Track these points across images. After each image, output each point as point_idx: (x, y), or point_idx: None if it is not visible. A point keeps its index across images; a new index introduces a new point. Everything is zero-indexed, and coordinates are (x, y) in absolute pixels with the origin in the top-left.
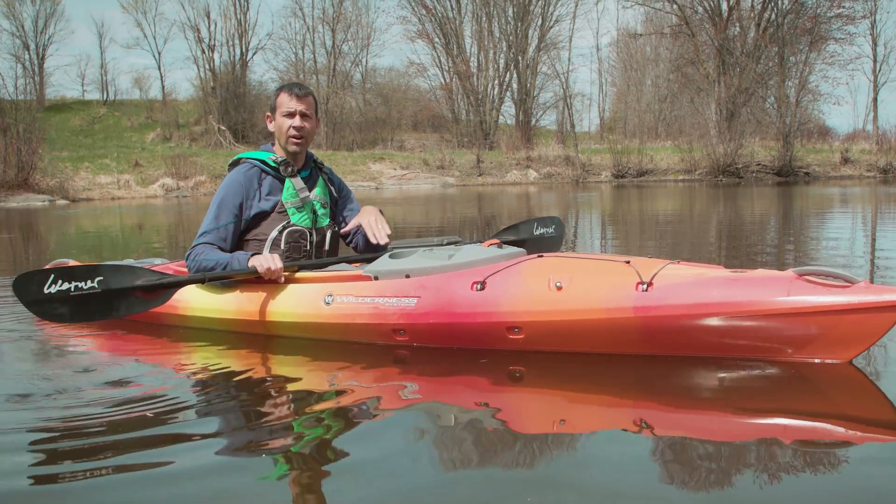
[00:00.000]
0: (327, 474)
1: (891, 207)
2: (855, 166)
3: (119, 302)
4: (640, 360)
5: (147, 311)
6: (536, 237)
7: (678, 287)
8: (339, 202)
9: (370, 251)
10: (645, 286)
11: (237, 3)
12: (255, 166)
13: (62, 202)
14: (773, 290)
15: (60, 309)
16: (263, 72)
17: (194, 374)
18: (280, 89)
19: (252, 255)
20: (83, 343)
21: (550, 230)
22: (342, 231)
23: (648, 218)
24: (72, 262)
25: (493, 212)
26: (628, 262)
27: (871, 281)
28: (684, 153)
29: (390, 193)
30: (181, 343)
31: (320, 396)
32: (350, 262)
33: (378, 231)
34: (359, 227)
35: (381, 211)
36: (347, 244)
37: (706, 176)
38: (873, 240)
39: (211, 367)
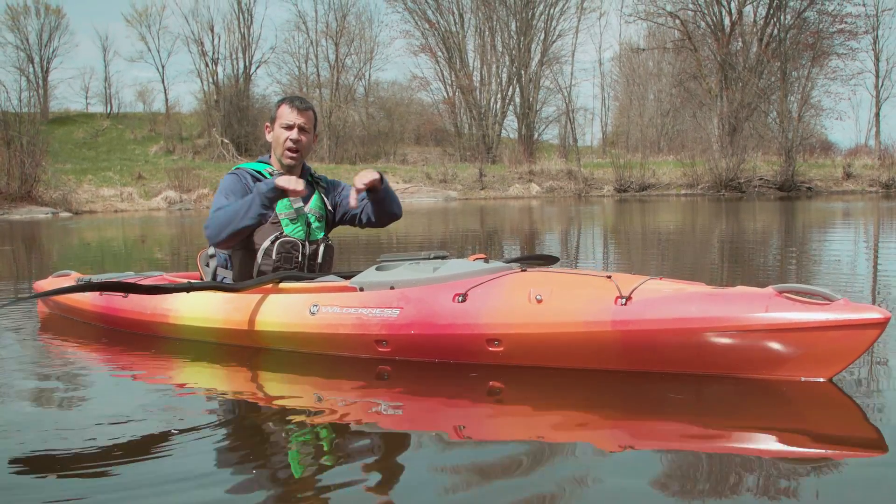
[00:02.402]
0: (307, 491)
1: (893, 222)
2: (857, 181)
3: None
4: (620, 377)
5: (136, 321)
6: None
7: (657, 301)
8: (339, 206)
9: (383, 215)
10: (624, 300)
11: (241, 16)
12: (250, 174)
13: (65, 214)
14: (751, 306)
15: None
16: (266, 85)
17: (180, 391)
18: (282, 101)
19: (278, 175)
20: (72, 357)
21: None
22: (350, 214)
23: (650, 233)
24: (74, 274)
25: (494, 226)
26: (609, 277)
27: (874, 297)
28: (686, 167)
29: None
30: (169, 358)
31: (304, 414)
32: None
33: (359, 178)
34: (364, 200)
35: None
36: (363, 226)
37: (708, 190)
38: (875, 255)
39: (198, 385)
